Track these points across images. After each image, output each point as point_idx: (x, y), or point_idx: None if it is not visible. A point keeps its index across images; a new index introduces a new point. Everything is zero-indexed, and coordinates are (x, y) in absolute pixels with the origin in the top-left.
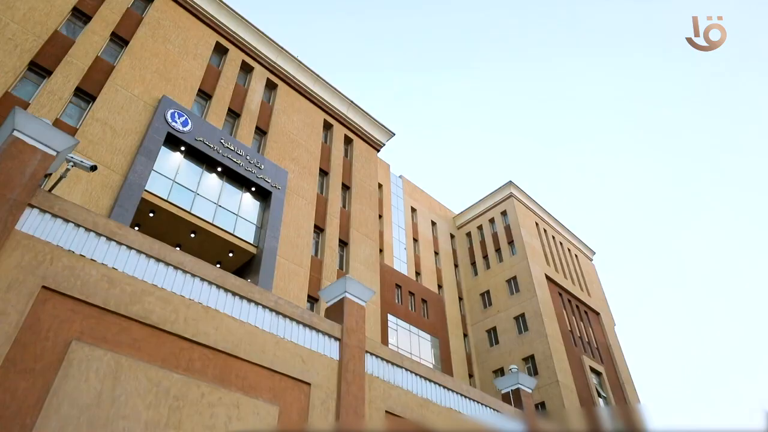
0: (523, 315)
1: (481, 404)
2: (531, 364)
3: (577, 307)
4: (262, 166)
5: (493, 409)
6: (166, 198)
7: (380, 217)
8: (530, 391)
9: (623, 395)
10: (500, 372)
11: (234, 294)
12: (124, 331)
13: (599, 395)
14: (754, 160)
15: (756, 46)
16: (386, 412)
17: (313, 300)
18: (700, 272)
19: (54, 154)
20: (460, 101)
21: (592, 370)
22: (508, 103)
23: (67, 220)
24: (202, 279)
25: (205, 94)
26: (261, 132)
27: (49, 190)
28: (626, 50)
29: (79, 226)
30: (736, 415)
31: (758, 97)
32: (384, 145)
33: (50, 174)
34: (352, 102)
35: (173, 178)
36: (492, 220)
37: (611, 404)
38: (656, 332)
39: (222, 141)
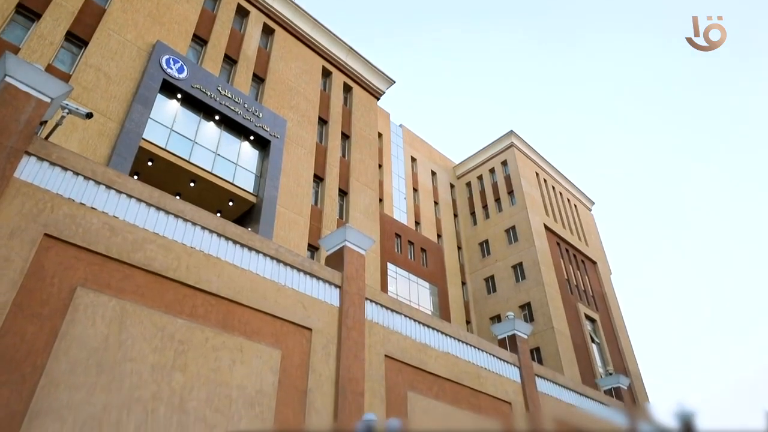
0: (521, 264)
1: (478, 349)
2: (527, 311)
3: (574, 256)
4: (261, 115)
5: (489, 353)
6: (164, 147)
7: (380, 166)
8: (526, 336)
9: (616, 342)
10: (497, 319)
11: (235, 242)
12: (127, 278)
13: (593, 341)
14: (757, 116)
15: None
16: (386, 356)
17: (313, 249)
18: (699, 224)
19: (48, 101)
20: (462, 50)
21: (587, 317)
22: (512, 51)
23: (65, 168)
24: (203, 227)
25: (200, 40)
26: (258, 79)
27: (46, 138)
28: None
29: (78, 174)
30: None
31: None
32: (384, 93)
33: (45, 122)
34: (351, 48)
35: (171, 127)
36: (492, 170)
37: (604, 350)
38: (652, 281)
39: (219, 88)
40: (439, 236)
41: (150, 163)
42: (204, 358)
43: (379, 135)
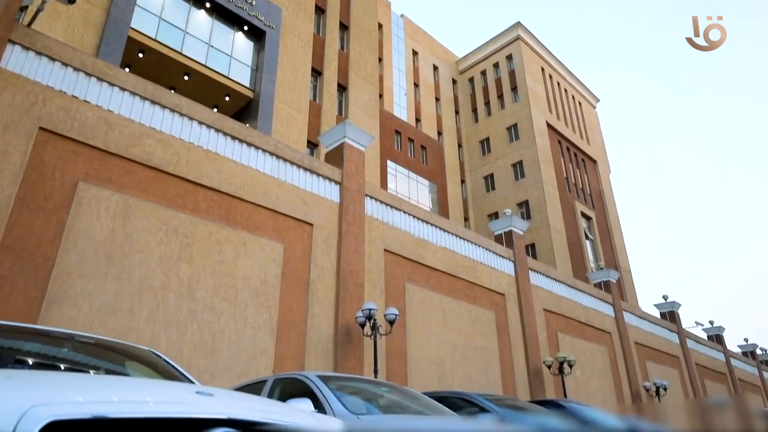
0: (520, 162)
1: (475, 244)
2: (525, 208)
3: (575, 154)
4: (254, 2)
5: (486, 248)
6: (154, 37)
7: (380, 60)
8: (521, 233)
9: (609, 239)
10: (495, 216)
11: (233, 138)
12: (127, 173)
13: (587, 238)
14: None
15: None
16: (385, 250)
17: (312, 145)
18: (703, 130)
19: None
20: None
21: (583, 215)
22: None
23: (53, 59)
24: (200, 122)
25: None
26: None
27: (28, 25)
28: None
29: (66, 65)
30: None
31: None
32: None
33: (26, 7)
34: None
35: (159, 15)
36: (496, 65)
37: (597, 246)
38: (651, 180)
39: None
40: (439, 133)
41: (141, 55)
42: (209, 251)
43: (379, 26)
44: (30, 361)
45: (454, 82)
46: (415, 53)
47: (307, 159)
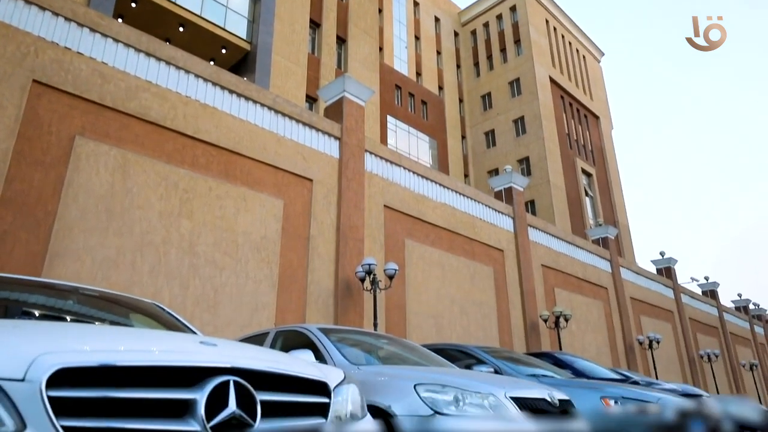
0: (522, 118)
1: (474, 200)
2: (525, 165)
3: (577, 110)
4: None
5: (485, 205)
6: None
7: (380, 11)
8: (521, 189)
9: (609, 195)
10: (495, 172)
11: (231, 92)
12: (125, 127)
13: (587, 194)
14: None
15: None
16: (385, 206)
17: (311, 100)
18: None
19: None
20: None
21: (584, 171)
22: None
23: (42, 8)
24: (197, 76)
25: None
26: None
27: None
28: None
29: (57, 14)
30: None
31: None
32: None
33: None
34: None
35: None
36: (499, 17)
37: (596, 203)
38: (653, 140)
39: None
40: (440, 88)
41: (134, 5)
42: (209, 206)
43: None
44: (36, 313)
45: (456, 34)
46: (416, 4)
47: (306, 114)
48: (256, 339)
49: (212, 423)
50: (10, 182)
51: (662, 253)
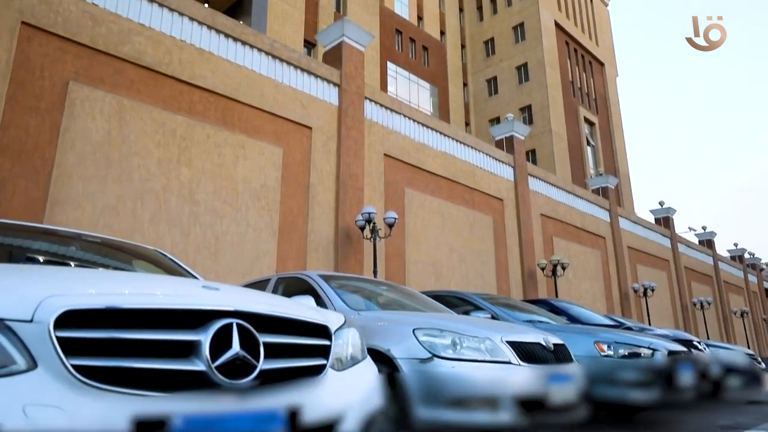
0: (525, 65)
1: (475, 149)
2: (527, 113)
3: (582, 56)
4: None
5: (486, 153)
6: None
7: None
8: (523, 138)
9: (611, 144)
10: (496, 121)
11: (227, 36)
12: (119, 72)
13: (588, 144)
14: None
15: None
16: (384, 154)
17: (310, 45)
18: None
19: None
20: None
21: (586, 120)
22: None
23: None
24: (191, 18)
25: None
26: None
27: None
28: None
29: None
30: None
31: None
32: None
33: None
34: None
35: None
36: None
37: (598, 152)
38: (657, 89)
39: None
40: (442, 33)
41: None
42: (207, 154)
43: None
44: (40, 259)
45: None
46: None
47: (305, 59)
48: (258, 286)
49: (216, 363)
50: (6, 128)
51: (661, 203)
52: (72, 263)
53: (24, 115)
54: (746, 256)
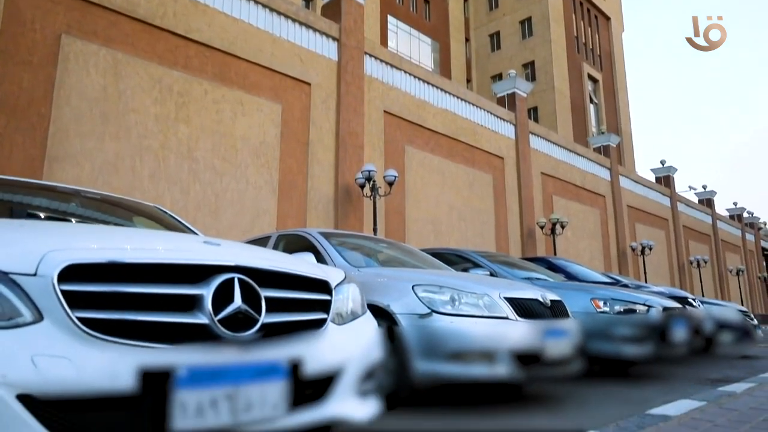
0: (529, 19)
1: (476, 106)
2: (530, 70)
3: (588, 10)
4: None
5: (487, 111)
6: None
7: None
8: (525, 95)
9: (614, 102)
10: (498, 78)
11: None
12: (113, 25)
13: (591, 101)
14: None
15: None
16: (385, 111)
17: None
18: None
19: None
20: None
21: (590, 77)
22: None
23: None
24: None
25: None
26: None
27: None
28: None
29: None
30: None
31: None
32: None
33: None
34: None
35: None
36: None
37: (600, 110)
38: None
39: None
40: None
41: None
42: (206, 110)
43: None
44: (41, 215)
45: None
46: None
47: (303, 12)
48: (259, 243)
49: (219, 316)
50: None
51: (662, 162)
52: (73, 219)
53: (17, 69)
54: (745, 215)
